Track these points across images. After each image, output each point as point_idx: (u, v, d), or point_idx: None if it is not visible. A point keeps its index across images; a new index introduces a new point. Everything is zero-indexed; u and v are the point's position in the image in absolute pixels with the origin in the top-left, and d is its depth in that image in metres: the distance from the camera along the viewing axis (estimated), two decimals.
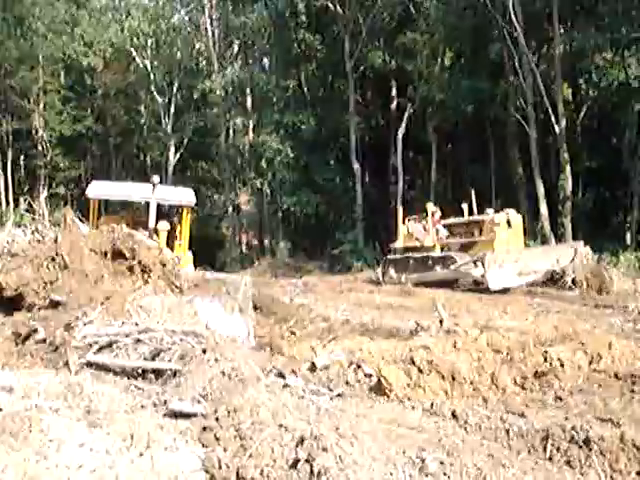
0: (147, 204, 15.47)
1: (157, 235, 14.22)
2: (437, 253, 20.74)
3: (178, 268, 8.95)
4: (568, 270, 16.91)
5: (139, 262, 8.53)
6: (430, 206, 22.03)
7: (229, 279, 10.71)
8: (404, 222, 22.90)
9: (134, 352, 6.48)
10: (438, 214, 21.93)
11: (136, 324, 6.84)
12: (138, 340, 6.54)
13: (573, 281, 16.35)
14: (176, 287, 8.66)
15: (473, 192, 22.11)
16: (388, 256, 23.38)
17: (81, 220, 10.90)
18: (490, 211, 20.84)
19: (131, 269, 8.47)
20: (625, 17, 29.29)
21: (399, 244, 23.01)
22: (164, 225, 14.72)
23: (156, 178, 13.54)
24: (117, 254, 8.53)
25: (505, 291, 17.40)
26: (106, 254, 8.48)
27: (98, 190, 15.87)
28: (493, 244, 19.10)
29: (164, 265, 8.83)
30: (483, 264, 17.62)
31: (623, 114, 31.97)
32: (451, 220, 22.32)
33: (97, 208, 14.55)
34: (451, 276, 19.20)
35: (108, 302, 7.43)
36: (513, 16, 29.32)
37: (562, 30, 29.81)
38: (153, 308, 7.37)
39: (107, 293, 7.76)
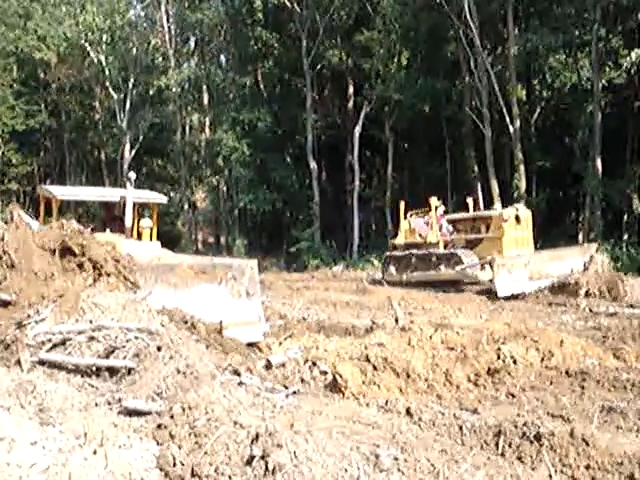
0: (105, 204, 15.38)
1: (138, 233, 14.20)
2: (441, 250, 19.62)
3: (133, 263, 8.78)
4: (581, 280, 15.60)
5: (89, 259, 8.27)
6: (434, 200, 20.43)
7: (235, 264, 10.58)
8: (405, 217, 21.67)
9: (88, 350, 6.42)
10: (442, 209, 20.77)
11: (90, 322, 6.78)
12: (92, 338, 6.47)
13: (586, 292, 15.17)
14: (131, 283, 8.51)
15: (479, 186, 21.26)
16: (388, 253, 22.13)
17: (35, 217, 10.77)
18: (498, 206, 20.59)
19: (81, 266, 8.29)
20: (578, 19, 29.75)
21: (400, 240, 21.69)
22: (147, 222, 14.67)
23: (132, 174, 13.43)
24: (67, 251, 8.36)
25: (513, 297, 16.22)
26: (55, 251, 8.31)
27: (66, 191, 15.74)
28: (501, 241, 18.24)
29: (117, 261, 8.67)
30: (492, 268, 16.71)
31: (576, 115, 32.47)
32: (456, 215, 21.54)
33: (59, 207, 14.26)
34: (456, 277, 18.38)
35: (60, 300, 7.31)
36: (469, 17, 29.62)
37: (516, 31, 30.16)
38: (107, 305, 7.28)
39: (58, 291, 7.62)
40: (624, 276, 17.21)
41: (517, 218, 18.44)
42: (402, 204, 21.62)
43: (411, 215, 21.47)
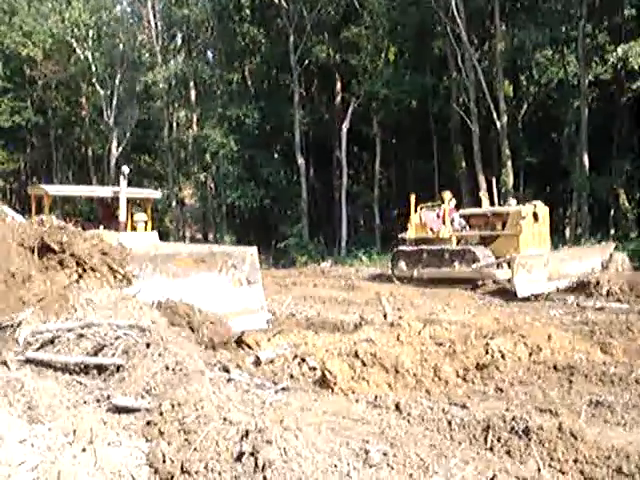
0: (100, 203, 15.36)
1: (132, 228, 14.17)
2: (455, 246, 18.91)
3: (126, 254, 8.60)
4: (602, 279, 15.08)
5: (72, 254, 8.02)
6: (447, 194, 19.83)
7: (234, 252, 10.48)
8: (416, 210, 20.74)
9: (76, 347, 6.40)
10: (453, 202, 20.05)
11: (79, 319, 6.75)
12: (81, 335, 6.44)
13: (607, 292, 14.62)
14: (121, 276, 8.35)
15: (494, 180, 20.69)
16: (398, 247, 21.04)
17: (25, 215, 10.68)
18: (513, 202, 19.61)
19: (62, 263, 8.17)
20: (564, 15, 29.85)
21: (411, 234, 20.72)
22: (142, 216, 14.62)
23: (125, 168, 13.34)
24: (47, 249, 8.22)
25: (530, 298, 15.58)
26: (34, 249, 8.16)
27: (58, 188, 15.71)
28: (518, 239, 17.42)
29: (105, 254, 8.50)
30: (510, 266, 16.09)
31: (562, 111, 32.55)
32: (470, 210, 20.77)
33: (50, 205, 14.19)
34: (472, 276, 17.58)
35: (42, 304, 7.19)
36: (456, 12, 29.66)
37: (503, 27, 30.20)
38: (99, 301, 7.25)
39: (38, 295, 7.47)
40: None
41: (535, 215, 17.83)
42: (412, 197, 20.74)
43: (421, 208, 20.75)
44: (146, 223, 14.70)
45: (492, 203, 20.24)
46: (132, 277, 8.43)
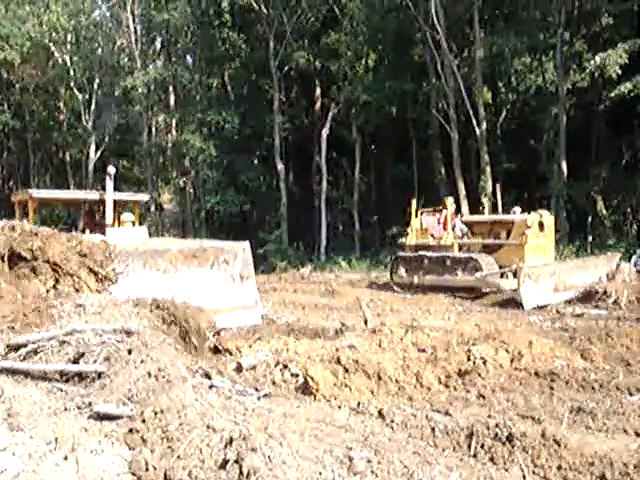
0: (85, 210, 15.21)
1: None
2: (457, 254, 18.38)
3: (109, 252, 8.42)
4: (610, 289, 14.72)
5: (46, 261, 7.88)
6: (449, 199, 19.40)
7: (226, 247, 10.35)
8: (417, 215, 20.20)
9: (57, 355, 6.34)
10: (452, 208, 19.50)
11: (62, 327, 6.68)
12: (63, 342, 6.39)
13: (615, 302, 14.24)
14: (103, 277, 8.18)
15: (498, 187, 20.30)
16: (398, 254, 20.54)
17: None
18: (517, 209, 19.03)
19: (34, 270, 8.01)
20: (543, 23, 30.09)
21: (411, 240, 20.18)
22: (129, 216, 14.48)
23: (112, 168, 13.17)
24: (18, 256, 7.89)
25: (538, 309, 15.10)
26: (3, 258, 7.84)
27: (42, 192, 15.55)
28: (523, 249, 16.95)
29: (84, 256, 8.29)
30: (516, 276, 15.59)
31: (541, 118, 32.77)
32: (473, 217, 20.40)
33: (35, 208, 14.02)
34: (475, 284, 17.06)
35: (15, 315, 7.00)
36: (435, 19, 29.82)
37: (482, 34, 30.35)
38: (89, 305, 7.16)
39: (10, 305, 7.28)
40: None
41: (541, 225, 17.48)
42: (413, 201, 20.39)
43: (422, 213, 20.29)
44: (133, 223, 14.60)
45: (496, 210, 19.99)
46: (115, 276, 8.30)
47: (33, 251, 7.76)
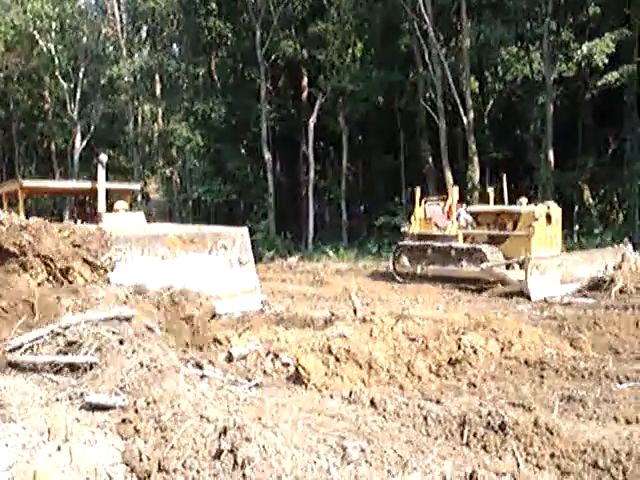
0: (76, 201, 15.04)
1: None
2: (462, 244, 17.99)
3: (105, 239, 8.26)
4: (616, 277, 14.56)
5: (37, 255, 7.63)
6: (455, 190, 19.09)
7: (224, 232, 10.25)
8: (420, 204, 19.76)
9: (49, 346, 6.30)
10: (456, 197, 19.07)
11: (57, 321, 6.59)
12: (57, 334, 6.35)
13: (620, 290, 14.07)
14: (99, 267, 8.02)
15: (505, 177, 19.73)
16: (402, 243, 20.04)
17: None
18: (523, 200, 18.66)
19: (24, 266, 7.86)
20: (530, 13, 30.12)
21: (414, 229, 19.70)
22: (122, 204, 14.34)
23: (104, 156, 12.98)
24: (7, 252, 7.58)
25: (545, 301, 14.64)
26: None
27: (33, 182, 15.38)
28: (530, 241, 16.65)
29: (78, 246, 8.14)
30: (523, 268, 15.45)
31: (528, 107, 32.87)
32: (478, 207, 19.83)
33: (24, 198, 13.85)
34: (480, 276, 16.62)
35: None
36: (423, 9, 29.86)
37: (470, 23, 30.35)
38: (88, 297, 7.08)
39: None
40: None
41: (548, 217, 17.15)
42: (418, 190, 20.00)
43: (426, 202, 19.88)
44: (126, 212, 14.50)
45: (502, 201, 19.51)
46: (112, 264, 8.17)
47: (22, 246, 7.60)
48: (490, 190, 19.83)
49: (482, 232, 18.24)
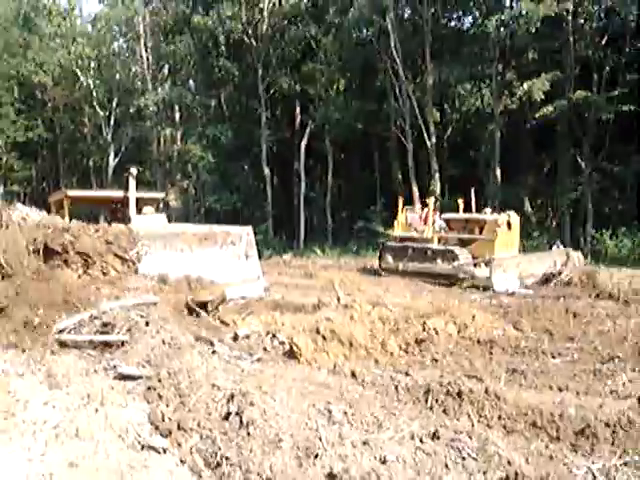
0: (109, 207, 14.88)
1: None
2: (438, 246, 17.83)
3: (132, 237, 8.16)
4: (564, 271, 14.66)
5: (77, 252, 7.66)
6: (431, 199, 18.96)
7: (232, 230, 10.17)
8: (402, 211, 19.78)
9: (89, 327, 6.27)
10: (433, 206, 18.90)
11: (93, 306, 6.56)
12: (95, 318, 6.30)
13: (568, 281, 14.15)
14: (128, 260, 7.98)
15: (473, 191, 19.45)
16: (386, 243, 20.08)
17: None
18: (488, 210, 18.68)
19: (66, 262, 7.71)
20: (481, 57, 30.19)
21: (397, 232, 19.70)
22: (150, 209, 14.22)
23: (134, 169, 12.83)
24: (53, 250, 7.67)
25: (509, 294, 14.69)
26: (38, 251, 7.60)
27: (78, 192, 15.23)
28: (494, 244, 16.57)
29: (110, 243, 8.07)
30: (488, 266, 15.62)
31: (479, 133, 32.94)
32: (451, 215, 19.45)
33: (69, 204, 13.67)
34: (452, 272, 16.50)
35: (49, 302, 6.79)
36: (394, 52, 29.90)
37: (432, 65, 30.36)
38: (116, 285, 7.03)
39: (44, 293, 6.96)
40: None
41: (509, 224, 17.11)
42: (400, 199, 19.96)
43: (406, 209, 19.87)
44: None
45: (470, 210, 19.15)
46: (139, 257, 8.11)
47: (64, 245, 7.55)
48: (460, 201, 19.51)
49: (454, 236, 18.09)
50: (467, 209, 19.08)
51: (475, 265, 16.33)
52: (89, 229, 8.12)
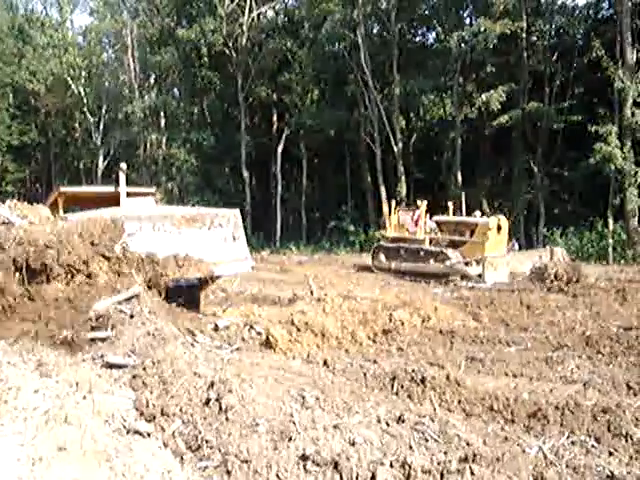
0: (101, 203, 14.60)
1: None
2: (427, 247, 17.36)
3: (119, 230, 7.86)
4: (549, 266, 14.20)
5: (60, 265, 7.04)
6: (423, 203, 18.25)
7: (220, 213, 9.95)
8: (394, 213, 19.37)
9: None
10: (424, 208, 18.37)
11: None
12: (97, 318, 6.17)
13: (555, 276, 13.68)
14: (112, 259, 7.60)
15: (463, 195, 19.28)
16: (379, 243, 19.64)
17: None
18: (477, 213, 18.39)
19: (48, 277, 7.05)
20: (443, 70, 30.35)
21: (390, 233, 19.21)
22: (150, 200, 13.93)
23: (123, 165, 12.52)
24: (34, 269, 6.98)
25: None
26: (21, 269, 6.92)
27: (71, 188, 14.82)
28: (484, 246, 16.26)
29: (95, 245, 7.65)
30: (479, 264, 15.55)
31: (442, 140, 33.09)
32: (442, 217, 18.94)
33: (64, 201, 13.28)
34: (444, 271, 16.14)
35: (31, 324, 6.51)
36: (364, 65, 29.98)
37: (399, 77, 30.45)
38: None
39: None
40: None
41: (498, 227, 16.79)
42: (393, 202, 19.67)
43: (398, 211, 19.41)
44: None
45: (461, 213, 19.00)
46: (124, 249, 7.84)
47: (48, 264, 6.99)
48: (450, 204, 19.21)
49: (446, 237, 17.72)
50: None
51: (467, 264, 16.16)
52: (73, 236, 7.55)
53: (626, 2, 23.07)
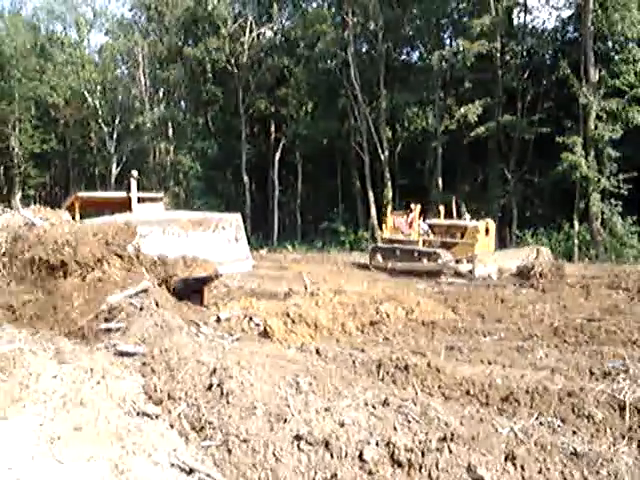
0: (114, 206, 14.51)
1: None
2: (421, 247, 17.38)
3: (131, 231, 7.78)
4: (535, 265, 14.10)
5: (76, 262, 6.89)
6: (417, 206, 18.29)
7: (223, 217, 9.92)
8: (390, 215, 19.37)
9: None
10: (417, 212, 18.41)
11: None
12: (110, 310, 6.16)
13: (540, 273, 13.56)
14: (125, 257, 7.57)
15: (453, 199, 19.10)
16: (376, 244, 19.55)
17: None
18: (467, 216, 18.17)
19: (65, 273, 6.92)
20: (426, 85, 30.39)
21: (386, 234, 19.17)
22: (159, 205, 13.85)
23: (135, 172, 12.49)
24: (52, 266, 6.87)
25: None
26: (39, 268, 6.88)
27: (87, 193, 14.75)
28: (474, 247, 16.24)
29: (109, 244, 7.63)
30: (469, 262, 15.55)
31: (424, 149, 33.10)
32: (434, 221, 18.86)
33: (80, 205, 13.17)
34: (437, 268, 16.05)
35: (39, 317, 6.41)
36: (354, 80, 30.07)
37: (386, 91, 30.50)
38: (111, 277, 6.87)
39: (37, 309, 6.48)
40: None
41: (487, 230, 16.88)
42: (390, 207, 19.55)
43: (393, 214, 19.44)
44: None
45: (451, 217, 18.80)
46: (137, 249, 7.76)
47: (64, 261, 6.93)
48: (441, 208, 19.09)
49: (436, 239, 17.67)
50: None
51: (457, 262, 16.12)
52: (88, 235, 7.32)
53: (589, 26, 23.22)
